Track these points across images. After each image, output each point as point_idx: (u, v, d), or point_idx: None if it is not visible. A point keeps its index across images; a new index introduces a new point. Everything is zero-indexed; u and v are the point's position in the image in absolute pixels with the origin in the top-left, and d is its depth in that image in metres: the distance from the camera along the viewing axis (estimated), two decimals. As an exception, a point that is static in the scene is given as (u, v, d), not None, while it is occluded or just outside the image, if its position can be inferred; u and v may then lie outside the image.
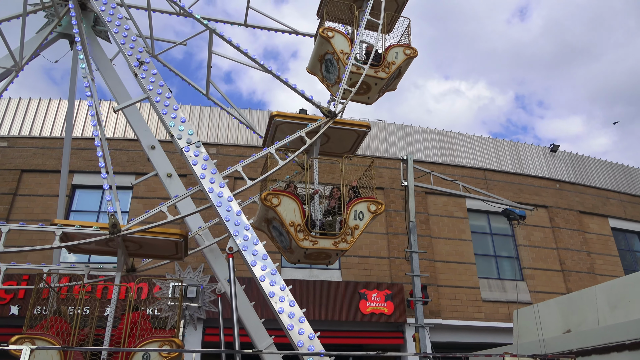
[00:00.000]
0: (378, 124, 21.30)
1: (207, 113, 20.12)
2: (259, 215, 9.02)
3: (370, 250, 18.41)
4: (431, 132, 21.79)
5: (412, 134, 21.44)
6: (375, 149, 20.56)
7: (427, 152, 21.14)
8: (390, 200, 19.29)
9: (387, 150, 20.64)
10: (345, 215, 8.77)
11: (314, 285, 17.13)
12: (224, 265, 10.63)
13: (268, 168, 8.66)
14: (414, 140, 21.28)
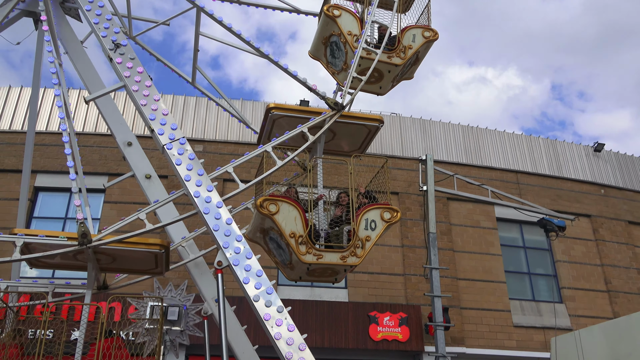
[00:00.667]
0: (392, 118, 21.35)
1: (193, 104, 20.19)
2: (254, 224, 9.03)
3: (383, 266, 18.40)
4: (454, 127, 21.80)
5: (432, 129, 21.46)
6: (389, 147, 20.58)
7: (450, 151, 21.16)
8: (406, 207, 19.29)
9: (402, 148, 20.66)
10: (355, 224, 8.77)
11: (317, 306, 17.12)
12: (211, 282, 10.63)
13: (264, 169, 8.68)
14: (433, 137, 21.30)
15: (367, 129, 10.02)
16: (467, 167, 20.68)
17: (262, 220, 8.65)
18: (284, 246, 8.69)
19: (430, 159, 14.84)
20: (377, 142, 20.37)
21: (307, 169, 9.17)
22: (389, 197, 9.42)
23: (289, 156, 8.95)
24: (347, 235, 8.82)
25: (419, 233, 18.57)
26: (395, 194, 19.24)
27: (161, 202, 8.64)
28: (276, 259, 9.39)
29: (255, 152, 8.79)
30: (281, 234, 8.44)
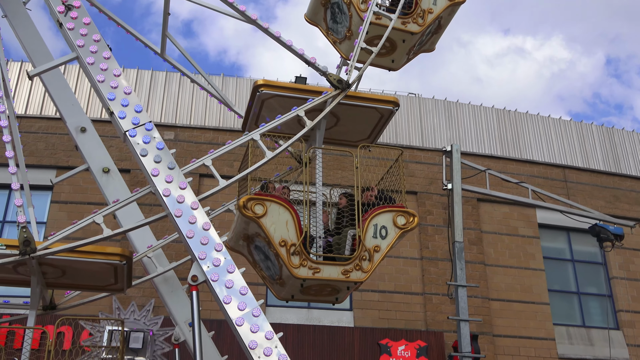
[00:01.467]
0: (409, 100, 21.37)
1: (162, 81, 20.21)
2: (236, 230, 9.07)
3: (397, 283, 18.45)
4: (486, 111, 21.83)
5: (459, 114, 21.48)
6: (405, 135, 20.62)
7: (481, 141, 21.19)
8: (427, 210, 19.34)
9: (422, 137, 20.69)
10: (361, 230, 8.80)
11: (315, 332, 17.17)
12: (184, 301, 10.65)
13: (250, 162, 8.71)
14: (460, 124, 21.32)
15: (378, 113, 10.06)
16: (502, 161, 20.68)
17: (247, 224, 8.68)
18: (272, 257, 8.72)
19: (457, 150, 14.87)
20: (390, 130, 20.38)
21: (304, 162, 9.19)
22: (404, 198, 9.45)
23: (281, 146, 8.97)
24: (351, 241, 8.88)
25: (442, 242, 18.60)
26: (412, 193, 19.26)
27: (122, 202, 8.66)
28: (263, 273, 9.43)
29: (239, 141, 8.82)
30: (269, 241, 8.47)
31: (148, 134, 8.34)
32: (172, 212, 7.97)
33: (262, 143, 8.79)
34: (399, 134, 20.56)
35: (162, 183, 8.11)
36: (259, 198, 8.52)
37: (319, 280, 8.57)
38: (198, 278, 7.76)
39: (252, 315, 7.55)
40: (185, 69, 11.70)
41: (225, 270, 7.75)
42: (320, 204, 9.38)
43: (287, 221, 8.50)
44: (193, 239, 7.85)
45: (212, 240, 7.90)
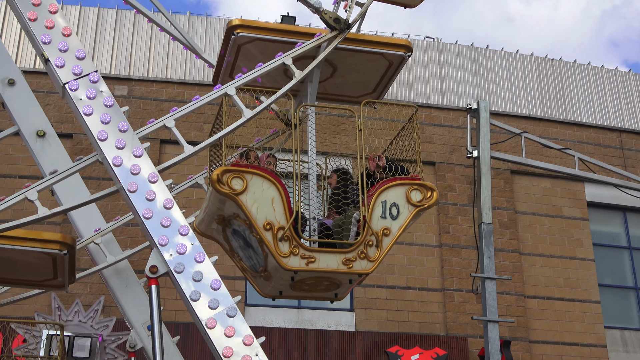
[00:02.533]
0: (426, 45, 21.25)
1: (111, 21, 20.02)
2: (208, 210, 9.08)
3: (410, 277, 18.54)
4: (523, 60, 21.75)
5: (487, 63, 21.39)
6: (421, 90, 20.55)
7: (515, 97, 21.15)
8: (447, 185, 19.38)
9: (441, 93, 20.63)
10: (366, 210, 8.85)
11: (307, 337, 17.26)
12: (142, 299, 10.67)
13: (224, 124, 8.68)
14: (489, 76, 21.26)
15: (386, 61, 10.01)
16: (542, 123, 20.69)
17: (221, 203, 8.69)
18: (255, 244, 8.74)
19: (485, 108, 14.81)
20: (401, 83, 20.32)
21: (292, 124, 9.18)
22: (420, 168, 9.45)
23: (263, 103, 8.92)
24: (355, 225, 8.90)
25: (466, 225, 18.66)
26: (429, 164, 19.27)
27: (62, 173, 8.59)
28: (243, 263, 9.48)
29: (210, 97, 8.76)
30: (251, 224, 8.47)
31: (93, 87, 8.26)
32: (125, 187, 7.93)
33: (238, 99, 8.73)
34: (412, 88, 20.50)
35: (112, 149, 8.05)
36: (237, 170, 8.49)
37: (314, 272, 8.61)
38: (158, 269, 7.74)
39: (226, 315, 7.53)
40: (141, 6, 11.58)
41: (193, 259, 7.74)
42: (314, 177, 9.40)
43: (273, 198, 8.51)
44: (151, 220, 7.81)
45: (175, 222, 7.87)
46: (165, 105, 18.23)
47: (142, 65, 19.59)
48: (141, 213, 7.85)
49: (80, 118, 8.20)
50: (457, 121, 19.74)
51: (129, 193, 7.93)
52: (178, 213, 7.96)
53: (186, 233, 7.88)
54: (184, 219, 8.00)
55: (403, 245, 18.21)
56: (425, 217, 18.18)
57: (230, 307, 7.61)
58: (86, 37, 19.47)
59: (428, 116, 19.77)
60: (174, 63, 19.65)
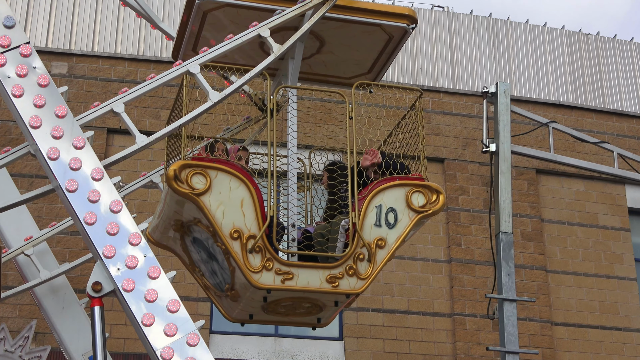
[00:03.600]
0: (434, 16, 21.26)
1: (48, -18, 19.94)
2: (164, 214, 9.11)
3: (412, 298, 18.55)
4: (551, 35, 21.79)
5: (507, 37, 21.43)
6: (427, 70, 20.56)
7: (542, 79, 21.19)
8: (458, 187, 19.39)
9: (451, 74, 20.65)
10: (356, 216, 8.86)
11: (284, 372, 17.26)
12: (82, 323, 10.62)
13: (185, 109, 8.68)
14: (511, 54, 21.29)
15: (385, 35, 10.06)
16: (575, 112, 20.72)
17: (180, 206, 8.71)
18: (219, 256, 8.76)
19: (506, 92, 14.81)
20: (403, 62, 20.32)
21: (269, 110, 9.17)
22: (423, 166, 9.49)
23: (233, 84, 8.95)
24: (343, 235, 8.92)
25: (481, 236, 18.70)
26: (437, 161, 19.28)
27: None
28: (206, 280, 9.50)
29: (168, 76, 8.77)
30: (215, 232, 8.51)
31: (25, 63, 8.25)
32: (63, 185, 7.92)
33: (203, 80, 8.75)
34: (416, 68, 20.51)
35: (47, 139, 8.04)
36: (198, 164, 8.53)
37: (292, 291, 8.64)
38: (103, 287, 7.74)
39: (186, 344, 7.53)
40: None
41: (146, 275, 7.75)
42: (295, 175, 9.41)
43: (242, 200, 8.54)
44: (95, 226, 7.82)
45: (124, 229, 7.87)
46: (114, 86, 18.16)
47: (85, 38, 19.50)
48: (82, 218, 7.85)
49: (7, 100, 8.18)
50: (471, 109, 19.76)
51: (67, 193, 7.92)
52: (128, 218, 7.97)
53: (137, 243, 7.88)
54: (135, 225, 8.00)
55: (403, 260, 18.20)
56: (430, 226, 18.18)
57: (191, 333, 7.62)
58: (17, 2, 19.37)
59: (435, 102, 19.77)
60: (125, 35, 19.59)
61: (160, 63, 18.59)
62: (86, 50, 19.08)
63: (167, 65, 13.00)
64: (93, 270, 7.80)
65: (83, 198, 7.91)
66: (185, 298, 8.18)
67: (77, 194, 7.92)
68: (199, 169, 8.48)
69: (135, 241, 7.89)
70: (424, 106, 9.87)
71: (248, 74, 8.87)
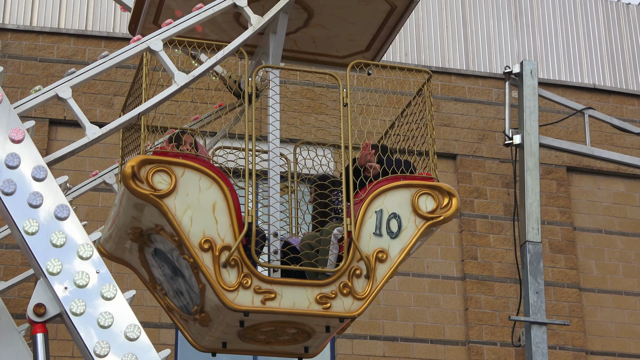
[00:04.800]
0: (444, -17, 21.28)
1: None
2: (120, 221, 9.11)
3: (419, 322, 18.56)
4: (584, 4, 21.83)
5: (532, 8, 21.46)
6: (437, 49, 20.59)
7: (574, 59, 21.24)
8: (473, 188, 19.41)
9: (465, 53, 20.68)
10: (352, 223, 8.88)
11: (265, 413, 17.26)
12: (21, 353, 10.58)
13: (145, 95, 8.69)
14: (537, 28, 21.33)
15: (386, 5, 10.13)
16: (614, 97, 20.76)
17: (139, 210, 8.72)
18: (187, 271, 8.77)
19: (533, 73, 14.81)
20: (408, 38, 20.35)
21: (246, 95, 9.13)
22: (432, 163, 9.50)
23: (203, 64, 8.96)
24: (337, 246, 8.93)
25: (502, 246, 18.74)
26: (448, 157, 19.29)
27: None
28: (170, 301, 9.50)
29: (123, 55, 8.77)
30: (181, 242, 8.51)
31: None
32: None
33: (167, 59, 8.74)
34: (424, 45, 20.55)
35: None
36: (162, 160, 8.52)
37: (275, 313, 8.64)
38: (47, 310, 7.74)
39: (148, 379, 7.56)
40: None
41: (99, 295, 7.76)
42: (277, 175, 9.45)
43: (214, 204, 8.56)
44: (37, 236, 7.81)
45: (72, 240, 7.88)
46: (58, 67, 18.14)
47: (22, 10, 19.48)
48: (21, 226, 7.85)
49: None
50: (489, 94, 19.78)
51: (2, 196, 7.91)
52: (76, 226, 7.96)
53: (88, 256, 7.88)
54: (85, 235, 8.00)
55: (408, 276, 18.22)
56: (440, 236, 18.19)
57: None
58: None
59: (447, 86, 19.79)
60: (70, 6, 19.57)
61: (113, 40, 18.58)
62: (23, 25, 19.05)
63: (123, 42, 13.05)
64: (35, 290, 7.79)
65: (22, 202, 7.91)
66: (146, 324, 8.15)
67: (14, 198, 7.91)
68: (162, 165, 8.46)
69: (86, 254, 7.88)
70: (433, 91, 9.86)
71: (221, 51, 8.88)
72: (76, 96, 8.62)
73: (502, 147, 16.11)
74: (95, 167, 13.73)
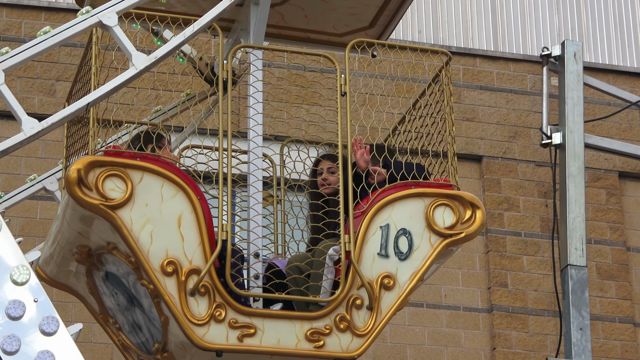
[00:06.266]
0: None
1: None
2: (62, 237, 9.14)
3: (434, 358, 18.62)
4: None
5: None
6: (456, 26, 20.64)
7: (624, 41, 21.30)
8: (503, 197, 19.46)
9: (492, 31, 20.75)
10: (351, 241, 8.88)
11: None
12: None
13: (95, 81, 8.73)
14: (582, 0, 21.40)
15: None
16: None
17: (85, 224, 8.74)
18: (145, 301, 8.81)
19: (577, 56, 14.88)
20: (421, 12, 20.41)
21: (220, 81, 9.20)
22: (451, 167, 9.53)
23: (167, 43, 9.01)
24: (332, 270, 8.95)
25: (538, 271, 18.79)
26: (471, 159, 19.36)
27: None
28: (126, 338, 9.52)
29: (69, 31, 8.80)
30: (139, 263, 8.51)
31: None
32: None
33: (123, 35, 8.78)
34: (442, 21, 20.62)
35: None
36: (115, 162, 8.53)
37: (255, 353, 8.65)
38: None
39: None
40: None
41: (37, 329, 7.78)
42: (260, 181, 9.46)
43: (180, 216, 8.57)
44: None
45: (2, 262, 7.91)
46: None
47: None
48: None
49: None
50: (523, 81, 19.84)
51: None
52: (9, 244, 8.00)
53: (24, 281, 7.92)
54: (20, 254, 8.03)
55: (422, 308, 18.28)
56: (461, 257, 18.25)
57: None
58: None
59: (470, 72, 19.86)
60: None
61: (55, 11, 18.62)
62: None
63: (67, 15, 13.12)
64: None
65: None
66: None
67: None
68: (116, 168, 8.44)
69: (20, 279, 7.91)
70: (453, 77, 9.88)
71: (190, 27, 8.90)
72: (9, 81, 8.65)
73: (538, 148, 16.13)
74: (33, 170, 13.77)
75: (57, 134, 9.11)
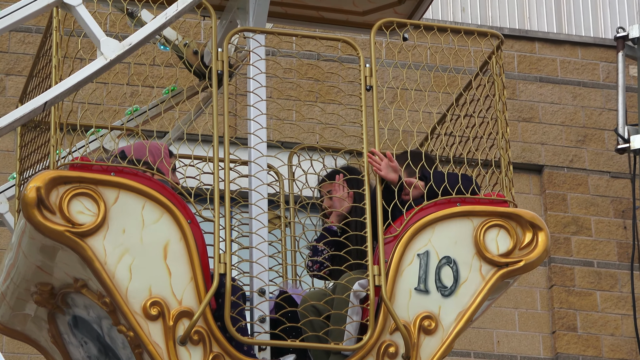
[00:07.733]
0: None
1: None
2: (18, 273, 9.16)
3: None
4: None
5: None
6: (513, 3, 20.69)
7: None
8: (571, 217, 19.45)
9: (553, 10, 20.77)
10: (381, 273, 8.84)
11: None
12: None
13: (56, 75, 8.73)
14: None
15: None
16: None
17: (47, 256, 8.70)
18: (123, 353, 8.81)
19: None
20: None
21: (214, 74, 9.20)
22: (505, 179, 9.52)
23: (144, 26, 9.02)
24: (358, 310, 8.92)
25: (615, 310, 18.81)
26: (530, 169, 19.41)
27: None
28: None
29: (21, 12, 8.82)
30: (115, 306, 8.45)
31: None
32: None
33: (89, 16, 8.79)
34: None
35: None
36: (83, 178, 8.50)
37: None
38: None
39: None
40: None
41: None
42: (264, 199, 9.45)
43: (166, 246, 8.54)
44: None
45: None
46: None
47: None
48: None
49: None
50: (594, 71, 19.88)
51: None
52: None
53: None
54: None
55: (469, 357, 18.31)
56: (520, 293, 18.29)
57: None
58: None
59: (527, 59, 19.89)
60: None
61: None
62: None
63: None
64: None
65: None
66: None
67: None
68: (84, 185, 8.40)
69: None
70: (506, 66, 9.84)
71: (173, 5, 8.92)
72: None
73: (613, 155, 16.14)
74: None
75: (7, 142, 9.09)
